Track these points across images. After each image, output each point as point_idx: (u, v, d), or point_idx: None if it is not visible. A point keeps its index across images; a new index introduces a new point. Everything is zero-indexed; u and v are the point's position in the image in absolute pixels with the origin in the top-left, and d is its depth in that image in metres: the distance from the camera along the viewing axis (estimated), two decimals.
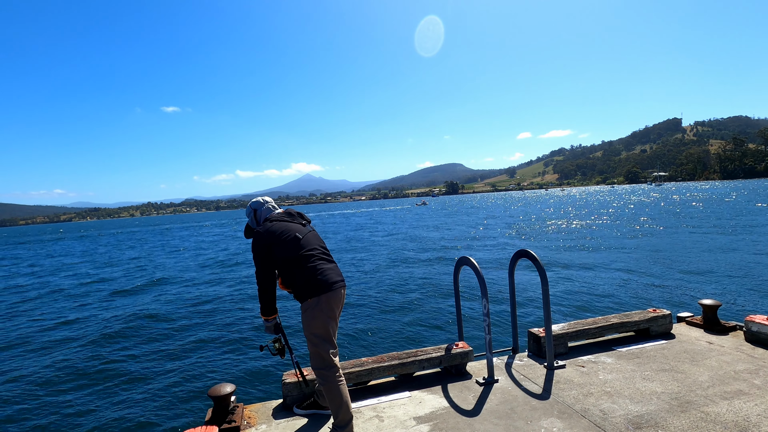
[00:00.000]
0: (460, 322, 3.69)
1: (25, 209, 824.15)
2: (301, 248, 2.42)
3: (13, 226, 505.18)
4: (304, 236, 2.49)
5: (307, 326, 2.40)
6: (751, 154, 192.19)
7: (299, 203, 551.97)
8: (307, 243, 2.48)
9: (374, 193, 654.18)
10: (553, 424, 2.44)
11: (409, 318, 8.17)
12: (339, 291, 2.45)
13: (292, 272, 2.40)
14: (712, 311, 3.80)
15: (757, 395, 2.61)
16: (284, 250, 2.40)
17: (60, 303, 12.38)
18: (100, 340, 8.11)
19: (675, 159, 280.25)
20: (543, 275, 3.11)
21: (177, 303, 11.06)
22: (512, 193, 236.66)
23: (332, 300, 2.41)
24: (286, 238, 2.42)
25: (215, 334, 7.97)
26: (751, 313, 6.67)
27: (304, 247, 2.43)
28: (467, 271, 11.27)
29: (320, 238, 2.62)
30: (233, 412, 2.60)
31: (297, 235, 2.46)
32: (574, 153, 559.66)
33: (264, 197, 2.74)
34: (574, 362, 3.30)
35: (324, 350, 2.40)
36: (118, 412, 5.16)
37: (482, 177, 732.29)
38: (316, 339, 2.39)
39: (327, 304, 2.39)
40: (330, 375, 2.38)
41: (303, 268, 2.39)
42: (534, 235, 22.23)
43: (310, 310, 2.38)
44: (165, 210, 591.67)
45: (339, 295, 2.46)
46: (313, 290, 2.37)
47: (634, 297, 8.67)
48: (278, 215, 2.59)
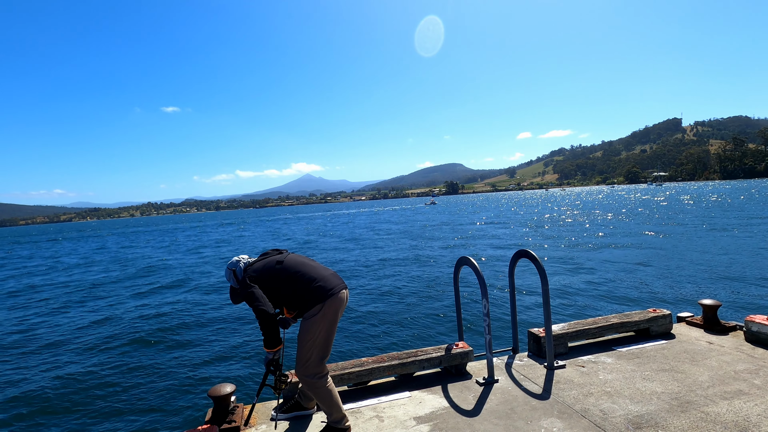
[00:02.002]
0: (460, 322, 3.69)
1: (25, 209, 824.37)
2: (291, 267, 2.44)
3: (13, 226, 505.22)
4: (288, 258, 2.52)
5: (308, 332, 2.37)
6: (751, 154, 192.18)
7: (299, 203, 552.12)
8: (294, 261, 2.50)
9: (374, 193, 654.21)
10: (553, 424, 2.44)
11: (409, 318, 8.17)
12: (341, 293, 2.45)
13: (290, 293, 2.39)
14: (712, 311, 3.80)
15: (757, 395, 2.61)
16: (274, 278, 2.41)
17: (60, 303, 12.38)
18: (101, 340, 8.11)
19: (675, 159, 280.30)
20: (543, 275, 3.11)
21: (177, 303, 11.06)
22: (513, 193, 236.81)
23: (336, 303, 2.40)
24: (272, 268, 2.44)
25: (215, 335, 7.97)
26: (751, 313, 6.67)
27: (293, 266, 2.45)
28: (467, 270, 11.27)
29: (304, 256, 2.62)
30: (233, 412, 2.60)
31: (279, 260, 2.49)
32: (574, 153, 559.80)
33: (238, 256, 2.62)
34: (574, 362, 3.30)
35: (319, 357, 2.38)
36: (118, 412, 5.16)
37: (482, 177, 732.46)
38: (314, 345, 2.37)
39: (331, 309, 2.38)
40: (320, 383, 2.37)
41: (300, 282, 2.39)
42: (534, 234, 22.23)
43: (314, 317, 2.36)
44: (165, 210, 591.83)
45: (342, 297, 2.45)
46: (316, 298, 2.36)
47: (634, 297, 8.67)
48: (256, 259, 2.59)
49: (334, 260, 17.29)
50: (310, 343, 2.37)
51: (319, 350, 2.39)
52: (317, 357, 2.39)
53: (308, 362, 2.37)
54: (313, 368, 2.38)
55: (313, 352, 2.37)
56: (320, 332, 2.37)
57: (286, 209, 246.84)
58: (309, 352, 2.37)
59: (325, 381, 2.39)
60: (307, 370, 2.37)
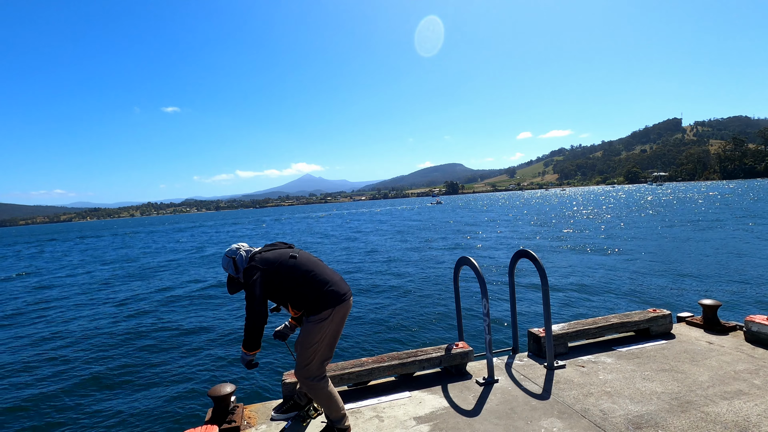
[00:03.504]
0: (460, 322, 3.69)
1: (25, 209, 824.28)
2: (304, 265, 2.36)
3: (13, 226, 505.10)
4: (300, 254, 2.43)
5: (313, 335, 2.33)
6: (751, 154, 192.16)
7: (299, 203, 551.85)
8: (307, 259, 2.42)
9: (374, 193, 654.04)
10: (553, 424, 2.44)
11: (409, 318, 8.17)
12: (349, 301, 2.45)
13: (302, 291, 2.33)
14: (712, 311, 3.79)
15: (757, 395, 2.61)
16: (288, 272, 2.32)
17: (61, 302, 12.38)
18: (101, 341, 8.11)
19: (675, 159, 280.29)
20: (543, 275, 3.10)
21: (177, 303, 11.06)
22: (513, 193, 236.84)
23: (344, 309, 2.41)
24: (285, 262, 2.34)
25: (216, 335, 7.97)
26: (751, 313, 6.67)
27: (306, 264, 2.38)
28: (467, 270, 11.27)
29: (314, 256, 2.55)
30: (233, 412, 2.60)
31: (293, 254, 2.40)
32: (574, 153, 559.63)
33: (237, 243, 2.49)
34: (574, 362, 3.30)
35: (320, 360, 2.37)
36: (118, 412, 5.16)
37: (482, 177, 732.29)
38: (318, 348, 2.35)
39: (339, 314, 2.38)
40: (319, 385, 2.36)
41: (312, 282, 2.33)
42: (534, 234, 22.23)
43: (321, 321, 2.33)
44: (165, 210, 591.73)
45: (350, 303, 2.46)
46: (328, 302, 2.33)
47: (634, 297, 8.67)
48: (262, 248, 2.47)
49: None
50: (315, 346, 2.34)
51: (321, 354, 2.37)
52: (319, 360, 2.37)
53: (309, 365, 2.35)
54: (313, 372, 2.36)
55: (316, 355, 2.36)
56: (325, 337, 2.35)
57: (285, 209, 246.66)
58: (311, 356, 2.35)
59: (325, 383, 2.38)
60: (307, 373, 2.36)
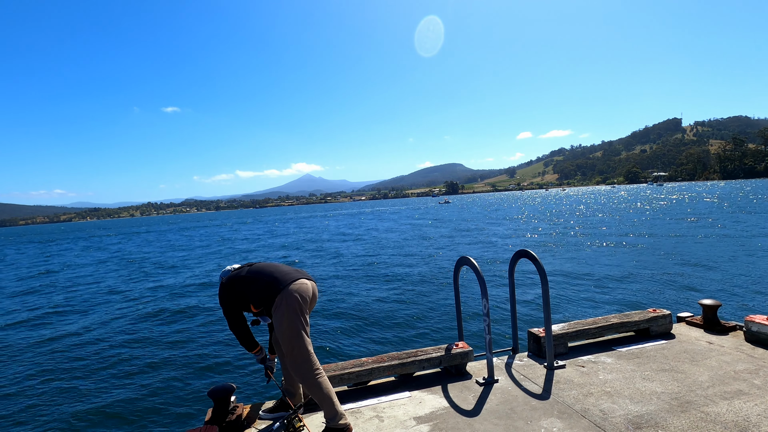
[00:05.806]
0: (460, 322, 3.68)
1: (25, 209, 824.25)
2: (256, 269, 2.59)
3: (13, 226, 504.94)
4: (258, 263, 2.69)
5: (278, 324, 2.37)
6: (751, 154, 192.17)
7: (299, 203, 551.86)
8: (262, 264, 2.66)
9: (374, 193, 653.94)
10: (553, 424, 2.44)
11: (409, 318, 8.17)
12: (298, 281, 2.47)
13: (256, 287, 2.47)
14: (712, 311, 3.79)
15: (757, 395, 2.61)
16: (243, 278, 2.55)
17: (61, 303, 12.38)
18: (101, 340, 8.12)
19: (675, 159, 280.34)
20: (543, 275, 3.10)
21: (177, 303, 11.06)
22: (513, 193, 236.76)
23: (294, 292, 2.40)
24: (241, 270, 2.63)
25: (216, 335, 7.97)
26: (751, 313, 6.67)
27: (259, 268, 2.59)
28: (467, 270, 11.27)
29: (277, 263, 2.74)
30: (233, 412, 2.60)
31: (250, 263, 2.70)
32: (574, 153, 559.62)
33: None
34: (574, 362, 3.30)
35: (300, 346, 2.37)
36: (118, 412, 5.16)
37: (482, 177, 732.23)
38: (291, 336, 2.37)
39: (291, 297, 2.38)
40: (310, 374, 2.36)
41: (261, 278, 2.49)
42: (534, 234, 22.23)
43: (278, 309, 2.38)
44: (165, 210, 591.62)
45: (300, 285, 2.46)
46: (275, 289, 2.41)
47: (634, 297, 8.67)
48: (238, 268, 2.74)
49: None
50: (287, 334, 2.37)
51: (296, 340, 2.38)
52: (298, 347, 2.38)
53: (293, 353, 2.38)
54: (299, 358, 2.37)
55: (292, 343, 2.37)
56: (287, 322, 2.36)
57: (287, 209, 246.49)
58: (288, 344, 2.38)
59: (317, 374, 2.38)
60: (294, 361, 2.38)
